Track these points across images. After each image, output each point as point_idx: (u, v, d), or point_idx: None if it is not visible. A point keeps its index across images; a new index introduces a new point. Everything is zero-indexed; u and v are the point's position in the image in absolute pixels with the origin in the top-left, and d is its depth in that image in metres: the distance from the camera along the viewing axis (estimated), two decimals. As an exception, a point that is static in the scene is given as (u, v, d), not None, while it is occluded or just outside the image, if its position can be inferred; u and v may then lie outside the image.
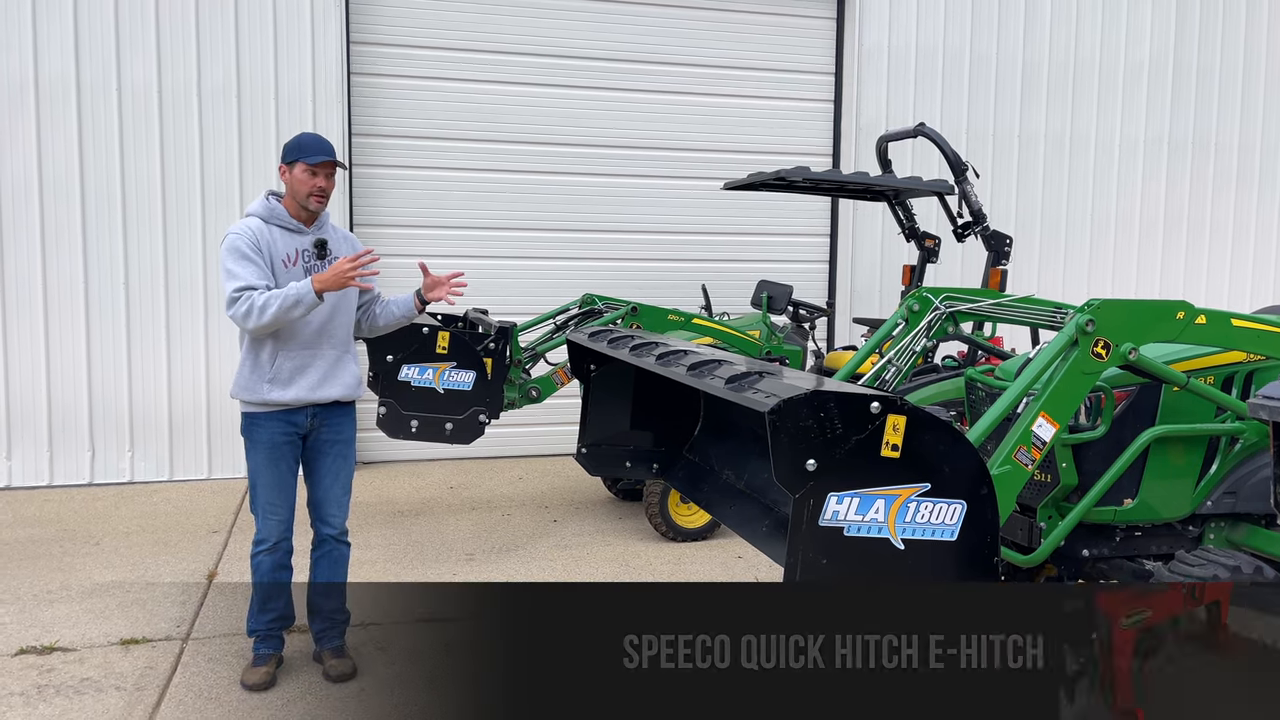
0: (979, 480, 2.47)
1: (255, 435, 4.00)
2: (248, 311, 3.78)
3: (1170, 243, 9.84)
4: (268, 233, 3.97)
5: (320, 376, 4.02)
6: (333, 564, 4.20)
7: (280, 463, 4.02)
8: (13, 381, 7.33)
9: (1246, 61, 9.85)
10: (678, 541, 6.08)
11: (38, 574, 5.43)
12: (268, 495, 4.03)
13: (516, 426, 7.70)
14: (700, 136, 8.65)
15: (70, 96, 7.25)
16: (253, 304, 3.77)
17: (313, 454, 4.12)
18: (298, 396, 3.98)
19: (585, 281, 7.60)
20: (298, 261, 4.01)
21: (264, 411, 3.99)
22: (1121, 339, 3.03)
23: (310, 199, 4.00)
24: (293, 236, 4.03)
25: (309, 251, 4.04)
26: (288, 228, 4.02)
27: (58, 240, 7.32)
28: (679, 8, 8.52)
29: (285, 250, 3.99)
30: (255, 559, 4.08)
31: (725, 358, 2.98)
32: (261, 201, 4.05)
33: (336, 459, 4.15)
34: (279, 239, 3.99)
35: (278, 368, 3.95)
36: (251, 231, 3.93)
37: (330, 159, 4.02)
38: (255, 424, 4.00)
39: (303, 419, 4.04)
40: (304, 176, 3.97)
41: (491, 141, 8.20)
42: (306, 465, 4.14)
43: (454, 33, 8.07)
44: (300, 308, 3.80)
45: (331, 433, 4.12)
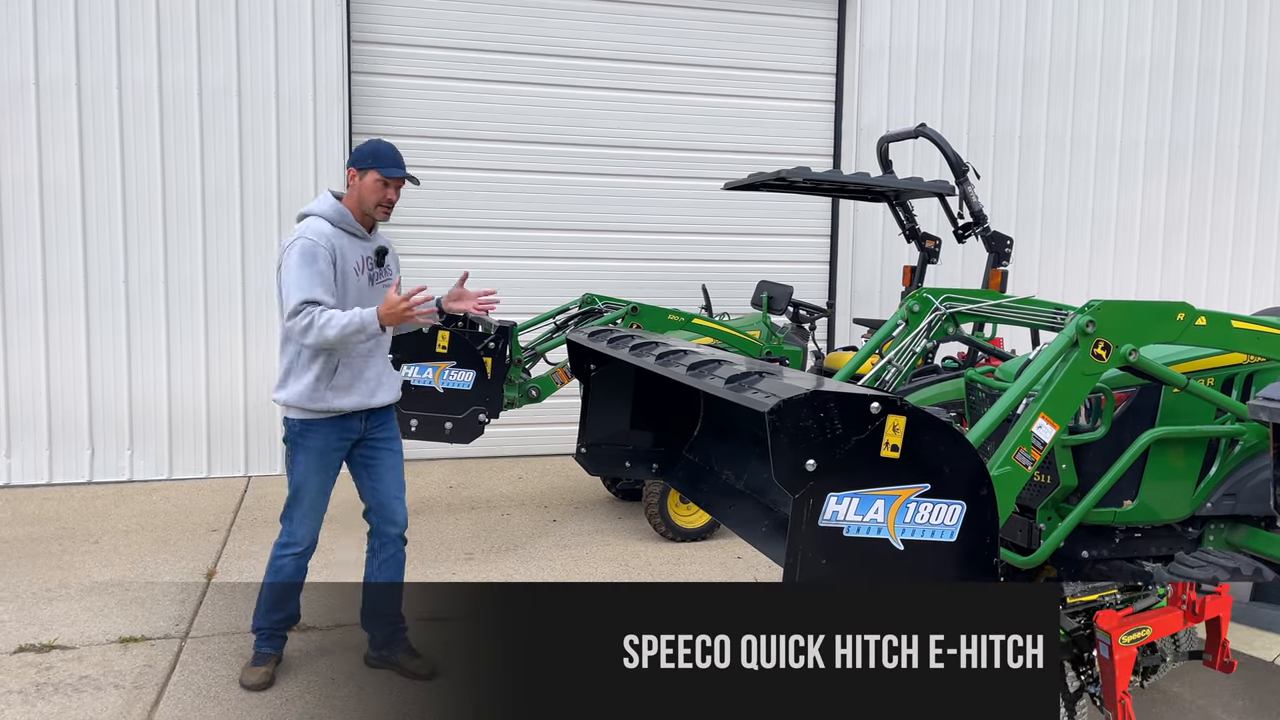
0: (979, 481, 2.47)
1: (309, 441, 3.97)
2: (308, 326, 3.74)
3: (1170, 243, 9.84)
4: (337, 239, 3.90)
5: (375, 383, 4.03)
6: (396, 565, 4.20)
7: (330, 469, 4.04)
8: (12, 379, 7.32)
9: (1248, 60, 9.84)
10: (677, 541, 6.08)
11: (37, 572, 5.42)
12: (312, 500, 4.02)
13: (516, 426, 7.69)
14: (700, 136, 8.65)
15: (70, 95, 7.25)
16: (313, 320, 3.73)
17: (369, 456, 4.11)
18: (358, 403, 3.98)
19: (585, 281, 7.59)
20: (364, 269, 3.99)
21: (321, 419, 3.96)
22: (1122, 340, 3.03)
23: (378, 209, 3.96)
24: (358, 243, 3.99)
25: (371, 259, 4.03)
26: (354, 234, 3.97)
27: (58, 239, 7.31)
28: (679, 8, 8.52)
29: (355, 257, 3.96)
30: (280, 560, 4.06)
31: (725, 358, 2.98)
32: (330, 203, 3.96)
33: (393, 454, 4.17)
34: (347, 245, 3.94)
35: (339, 375, 3.92)
36: (326, 238, 3.86)
37: (404, 175, 3.97)
38: (311, 430, 3.97)
39: (357, 424, 4.04)
40: (375, 186, 3.93)
41: (490, 141, 8.20)
42: (365, 468, 4.13)
43: (455, 32, 8.07)
44: (362, 335, 3.78)
45: (384, 432, 4.14)
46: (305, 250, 3.81)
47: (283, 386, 3.97)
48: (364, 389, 3.99)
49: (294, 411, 3.97)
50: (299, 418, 3.98)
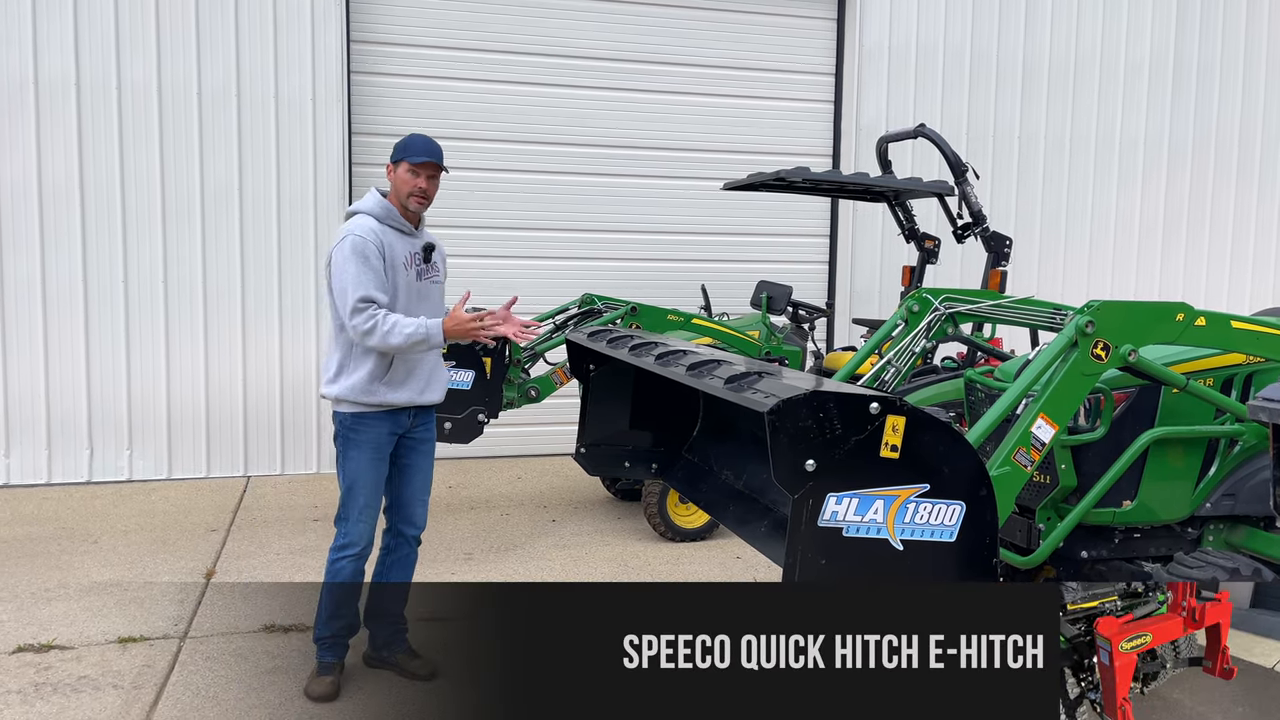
0: (978, 481, 2.47)
1: (361, 435, 3.95)
2: (372, 330, 3.75)
3: (1170, 242, 9.85)
4: (384, 234, 3.91)
5: (426, 380, 4.02)
6: (407, 567, 4.19)
7: (382, 464, 4.01)
8: (12, 379, 7.31)
9: (1247, 57, 9.84)
10: (676, 541, 6.08)
11: (36, 572, 5.42)
12: (367, 497, 3.98)
13: (515, 426, 7.69)
14: (700, 137, 8.64)
15: (70, 96, 7.24)
16: (377, 324, 3.74)
17: (405, 453, 4.09)
18: (410, 398, 3.97)
19: (584, 281, 7.59)
20: (412, 265, 3.98)
21: (373, 412, 3.94)
22: (1121, 340, 3.03)
23: (410, 199, 3.95)
24: (405, 239, 3.99)
25: (419, 255, 4.02)
26: (401, 229, 3.97)
27: (57, 239, 7.31)
28: (678, 8, 8.52)
29: (403, 253, 3.95)
30: (337, 564, 3.99)
31: (724, 358, 2.98)
32: (376, 199, 3.99)
33: (426, 457, 4.16)
34: (395, 241, 3.94)
35: (394, 370, 3.92)
36: (375, 234, 3.87)
37: (432, 160, 3.95)
38: (363, 424, 3.94)
39: (405, 420, 4.03)
40: (407, 176, 3.93)
41: (490, 141, 8.19)
42: (396, 466, 4.10)
43: (454, 32, 8.07)
44: (425, 345, 3.80)
45: (424, 432, 4.14)
46: (357, 247, 3.82)
47: (334, 381, 3.95)
48: (416, 384, 3.99)
49: (345, 405, 3.95)
50: (351, 411, 3.95)
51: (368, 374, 3.89)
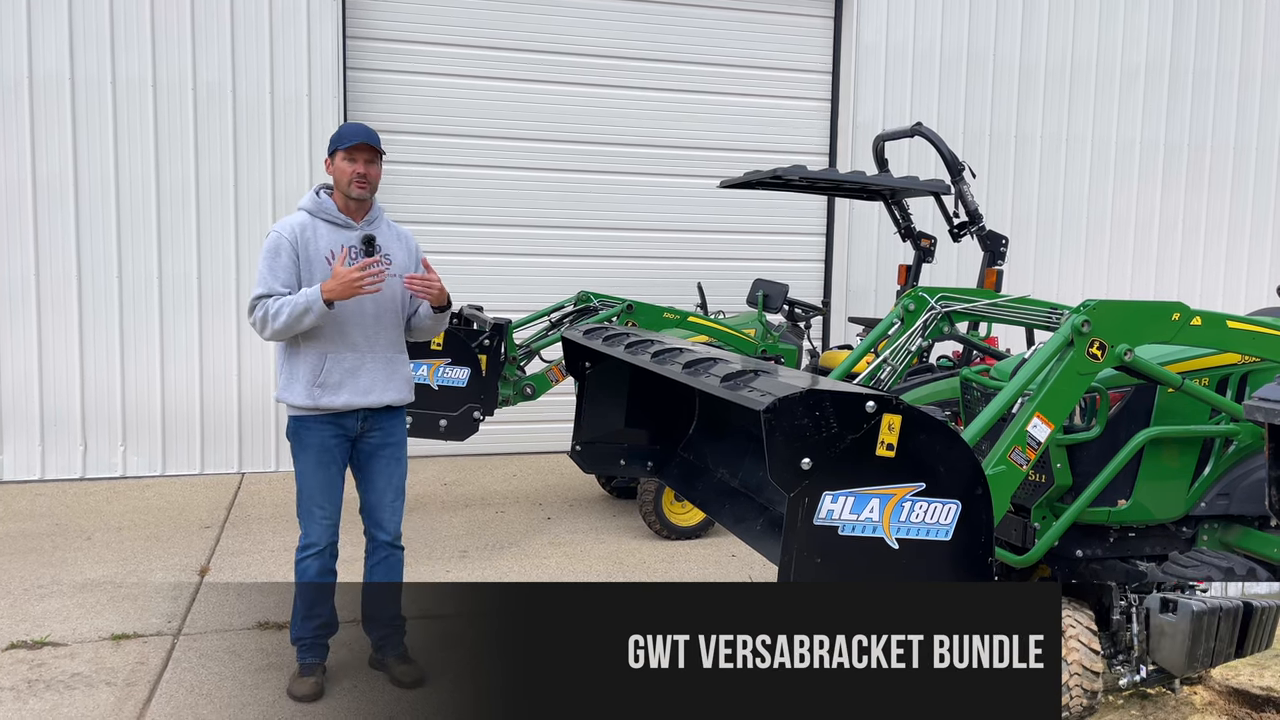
0: (974, 480, 2.47)
1: (304, 439, 3.92)
2: (262, 319, 3.76)
3: (1165, 244, 9.86)
4: (311, 228, 3.88)
5: (370, 381, 3.93)
6: (389, 570, 4.13)
7: (330, 465, 3.95)
8: (5, 375, 7.29)
9: (1243, 63, 9.86)
10: (672, 539, 6.08)
11: (29, 568, 5.40)
12: (316, 499, 3.95)
13: (511, 423, 7.69)
14: (696, 134, 8.64)
15: (65, 92, 7.21)
16: (266, 311, 3.74)
17: (364, 459, 4.03)
18: (348, 401, 3.89)
19: (580, 278, 7.59)
20: (344, 258, 3.89)
21: (315, 415, 3.91)
22: (1117, 340, 3.03)
23: (351, 186, 3.89)
24: (339, 231, 3.93)
25: (356, 248, 3.92)
26: (335, 222, 3.92)
27: (51, 234, 7.29)
28: (676, 5, 8.51)
29: (329, 246, 3.89)
30: (301, 564, 3.98)
31: (721, 356, 2.98)
32: (310, 195, 3.99)
33: (389, 462, 4.06)
34: (324, 235, 3.89)
35: (327, 372, 3.86)
36: (291, 228, 3.86)
37: (365, 141, 3.90)
38: (304, 427, 3.92)
39: (353, 423, 3.96)
40: (344, 165, 3.90)
41: (485, 138, 8.18)
42: (357, 470, 4.06)
43: (450, 28, 8.05)
44: (310, 315, 3.73)
45: (382, 436, 4.03)
46: (268, 245, 3.86)
47: (282, 385, 3.96)
48: (355, 387, 3.90)
49: (290, 409, 3.96)
50: (293, 415, 3.96)
51: (305, 377, 3.87)
